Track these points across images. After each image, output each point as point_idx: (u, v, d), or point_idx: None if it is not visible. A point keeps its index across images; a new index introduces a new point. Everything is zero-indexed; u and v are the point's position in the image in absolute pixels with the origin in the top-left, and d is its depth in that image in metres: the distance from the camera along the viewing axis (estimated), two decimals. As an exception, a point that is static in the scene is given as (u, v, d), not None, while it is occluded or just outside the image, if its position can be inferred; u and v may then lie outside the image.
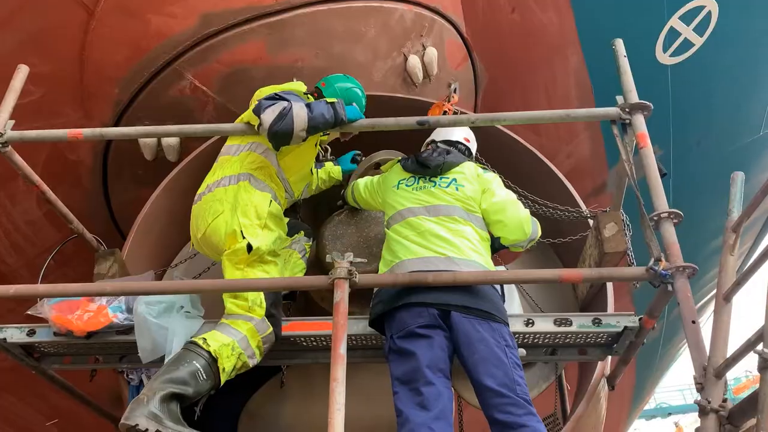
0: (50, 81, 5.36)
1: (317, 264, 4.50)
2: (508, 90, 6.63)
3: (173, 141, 5.72)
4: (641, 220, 3.42)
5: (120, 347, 4.03)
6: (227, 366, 3.57)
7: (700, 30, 6.86)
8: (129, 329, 3.85)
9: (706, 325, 5.74)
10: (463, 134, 4.43)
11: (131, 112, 5.66)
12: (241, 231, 3.82)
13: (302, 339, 3.94)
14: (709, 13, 6.78)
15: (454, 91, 4.76)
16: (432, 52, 5.99)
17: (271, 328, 3.74)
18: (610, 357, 4.12)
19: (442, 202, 3.95)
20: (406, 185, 4.11)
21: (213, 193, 4.03)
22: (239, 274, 3.81)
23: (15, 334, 3.93)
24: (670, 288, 3.21)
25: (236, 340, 3.61)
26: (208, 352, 3.52)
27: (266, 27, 5.46)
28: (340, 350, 3.13)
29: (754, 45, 7.19)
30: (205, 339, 3.56)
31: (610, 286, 4.28)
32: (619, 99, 3.80)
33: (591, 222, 4.47)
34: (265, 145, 4.03)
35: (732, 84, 7.42)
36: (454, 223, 3.88)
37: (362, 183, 4.55)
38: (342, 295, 3.26)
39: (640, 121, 3.67)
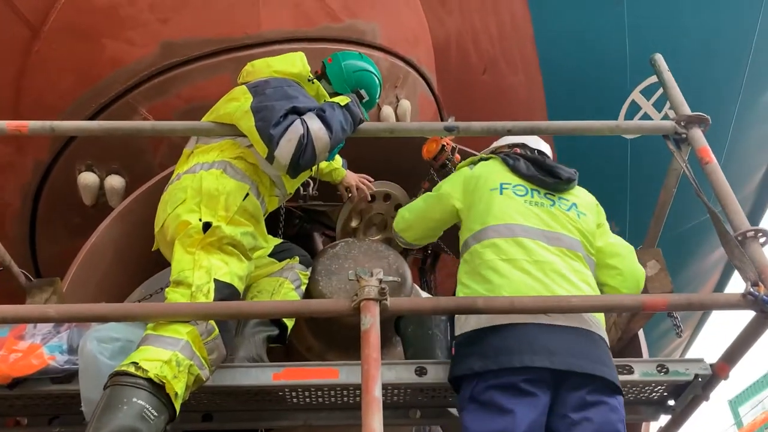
0: (-24, 108, 4.36)
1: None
2: (476, 150, 6.04)
3: (118, 184, 4.72)
4: (723, 240, 2.70)
5: (54, 403, 2.87)
6: (178, 388, 2.47)
7: (658, 106, 6.52)
8: (70, 376, 2.72)
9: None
10: (549, 149, 3.44)
11: (72, 149, 4.67)
12: (200, 218, 2.89)
13: (291, 392, 2.91)
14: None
15: (453, 127, 4.05)
16: (405, 105, 5.32)
17: (218, 331, 2.65)
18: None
19: (563, 231, 2.86)
20: (516, 193, 2.94)
21: (180, 181, 3.09)
22: (188, 259, 2.80)
23: None
24: (773, 316, 2.47)
25: (177, 351, 2.53)
26: (148, 380, 2.43)
27: (234, 61, 4.64)
28: (375, 393, 2.18)
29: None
30: (137, 363, 2.45)
31: (641, 333, 3.54)
32: (671, 113, 3.17)
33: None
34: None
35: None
36: (577, 262, 2.81)
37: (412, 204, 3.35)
38: (372, 321, 2.33)
39: (698, 135, 3.02)
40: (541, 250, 2.75)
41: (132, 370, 2.42)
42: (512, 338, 2.53)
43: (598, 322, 2.72)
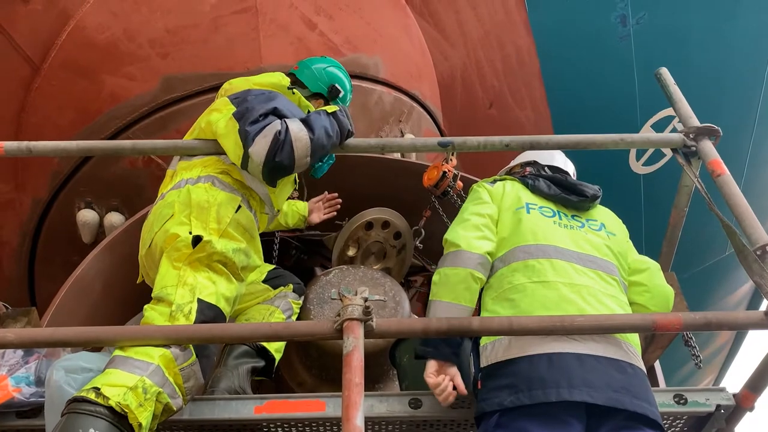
0: (-23, 145, 4.23)
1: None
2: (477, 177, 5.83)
3: (118, 221, 4.53)
4: (741, 256, 2.42)
5: (19, 441, 2.61)
6: (143, 418, 2.19)
7: (670, 140, 6.28)
8: (37, 410, 2.47)
9: None
10: (571, 167, 3.12)
11: (72, 186, 4.52)
12: (190, 232, 2.65)
13: (275, 428, 2.63)
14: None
15: (453, 153, 3.82)
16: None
17: (195, 357, 2.40)
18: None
19: (597, 253, 2.56)
20: (543, 214, 2.65)
21: (164, 199, 2.86)
22: (172, 274, 2.56)
23: None
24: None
25: (145, 376, 2.26)
26: (108, 408, 2.15)
27: (235, 96, 4.53)
28: (356, 421, 1.90)
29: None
30: (98, 389, 2.19)
31: (658, 364, 3.24)
32: (679, 126, 2.94)
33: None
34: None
35: (698, 201, 6.77)
36: (613, 286, 2.51)
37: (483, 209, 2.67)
38: (356, 343, 2.06)
39: (708, 147, 2.78)
40: (576, 274, 2.45)
41: (92, 396, 2.16)
42: (546, 369, 2.22)
43: (636, 353, 2.42)
